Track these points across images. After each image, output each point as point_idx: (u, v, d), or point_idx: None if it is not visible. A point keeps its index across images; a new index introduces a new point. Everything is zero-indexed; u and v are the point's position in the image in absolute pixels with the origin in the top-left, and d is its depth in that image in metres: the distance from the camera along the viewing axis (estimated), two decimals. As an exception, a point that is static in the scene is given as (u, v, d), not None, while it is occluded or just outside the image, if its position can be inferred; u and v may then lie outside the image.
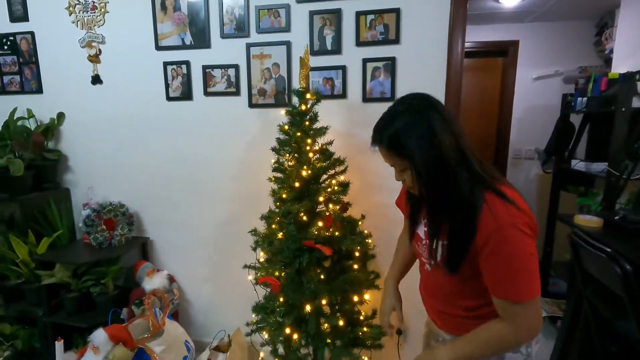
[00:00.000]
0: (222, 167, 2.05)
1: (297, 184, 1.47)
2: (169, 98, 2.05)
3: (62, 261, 1.93)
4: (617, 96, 1.81)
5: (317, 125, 1.57)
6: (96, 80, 2.13)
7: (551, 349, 1.92)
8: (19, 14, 2.15)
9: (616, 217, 1.50)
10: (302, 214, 1.43)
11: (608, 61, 2.86)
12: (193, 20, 1.94)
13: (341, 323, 1.47)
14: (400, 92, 1.78)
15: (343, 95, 1.84)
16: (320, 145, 1.56)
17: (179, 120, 2.07)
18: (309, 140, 1.52)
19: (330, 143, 1.62)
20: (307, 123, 1.51)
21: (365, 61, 1.79)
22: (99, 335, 1.53)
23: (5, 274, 2.06)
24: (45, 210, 2.12)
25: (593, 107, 2.07)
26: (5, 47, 2.21)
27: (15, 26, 2.17)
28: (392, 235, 1.86)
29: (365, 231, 1.64)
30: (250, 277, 1.68)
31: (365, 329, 1.53)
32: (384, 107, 1.79)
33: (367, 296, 1.56)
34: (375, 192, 1.85)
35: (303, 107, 1.51)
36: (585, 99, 2.22)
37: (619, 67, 2.21)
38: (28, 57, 2.19)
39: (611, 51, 2.60)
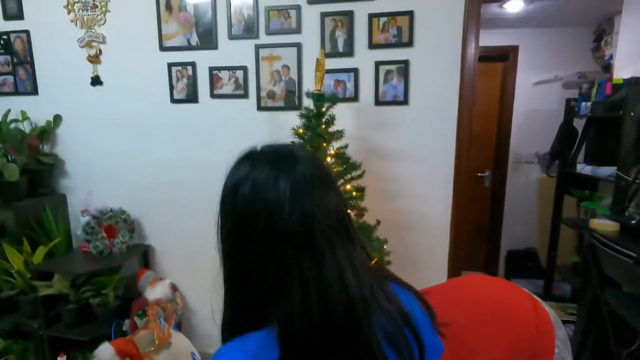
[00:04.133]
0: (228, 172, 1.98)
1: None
2: (173, 100, 1.99)
3: (61, 271, 1.83)
4: (626, 101, 1.82)
5: (332, 128, 1.54)
6: (96, 81, 2.05)
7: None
8: (13, 11, 2.06)
9: (633, 222, 1.50)
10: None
11: (606, 67, 2.91)
12: (199, 20, 1.88)
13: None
14: (414, 96, 1.76)
15: (355, 98, 1.81)
16: (335, 150, 1.52)
17: (184, 123, 2.00)
18: (325, 145, 1.48)
19: (346, 147, 1.58)
20: (323, 126, 1.47)
21: (377, 64, 1.76)
22: (105, 350, 1.45)
23: (-2, 285, 1.95)
24: (40, 217, 2.02)
25: (599, 111, 2.09)
26: (-1, 47, 2.11)
27: (9, 24, 2.08)
28: (405, 243, 1.84)
29: (381, 237, 1.60)
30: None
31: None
32: (398, 110, 1.81)
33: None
34: (388, 198, 1.82)
35: (322, 109, 1.47)
36: (589, 103, 2.24)
37: (621, 73, 2.23)
38: (23, 57, 2.10)
39: (610, 57, 2.64)
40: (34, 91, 2.13)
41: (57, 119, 2.12)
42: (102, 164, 2.14)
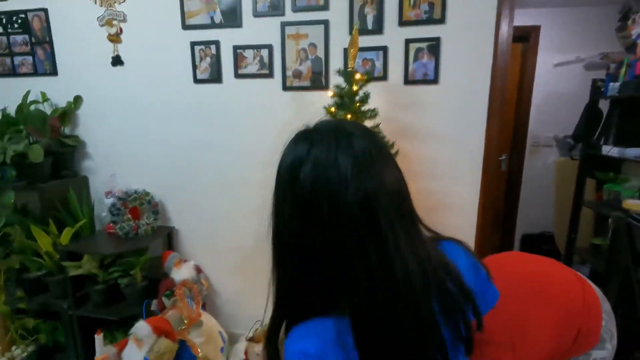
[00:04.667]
0: (252, 153, 1.97)
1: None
2: (196, 80, 1.96)
3: (89, 252, 1.84)
4: (661, 80, 1.78)
5: (364, 107, 1.51)
6: (117, 61, 2.01)
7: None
8: (30, -11, 2.01)
9: (668, 201, 1.49)
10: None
11: (630, 47, 2.83)
12: (223, -3, 1.83)
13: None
14: (445, 75, 1.73)
15: (384, 77, 1.77)
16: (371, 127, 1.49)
17: (207, 104, 1.98)
18: (359, 123, 1.46)
19: (377, 126, 1.56)
20: (357, 104, 1.44)
21: (407, 42, 1.72)
22: (143, 327, 1.46)
23: (26, 266, 1.96)
24: (65, 199, 2.02)
25: (629, 91, 2.05)
26: (16, 26, 2.07)
27: (26, 2, 2.03)
28: (432, 224, 1.83)
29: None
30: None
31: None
32: (427, 90, 1.77)
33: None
34: (418, 179, 1.80)
35: (354, 88, 1.44)
36: (617, 84, 2.20)
37: (652, 51, 2.18)
38: (41, 37, 2.06)
39: (638, 36, 2.57)
40: (54, 72, 2.09)
41: (78, 100, 2.10)
42: (123, 146, 2.12)
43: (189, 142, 2.04)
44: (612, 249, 1.79)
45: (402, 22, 1.71)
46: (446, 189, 1.82)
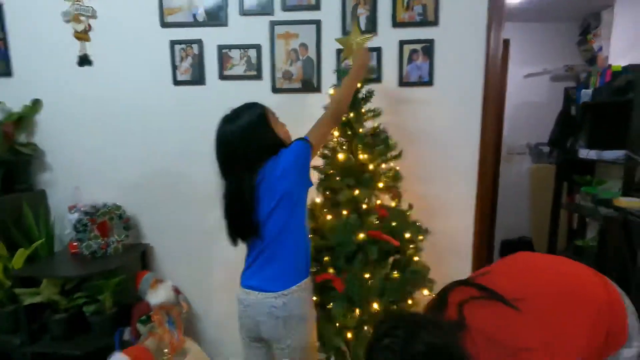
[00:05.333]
0: (239, 159, 1.82)
1: (351, 170, 1.32)
2: (176, 82, 1.80)
3: (48, 276, 1.58)
4: (635, 85, 1.88)
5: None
6: (84, 61, 1.82)
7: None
8: (-18, -21, 1.78)
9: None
10: (364, 202, 1.28)
11: (590, 60, 3.05)
12: (207, -6, 1.72)
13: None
14: (439, 77, 1.71)
15: (377, 78, 1.72)
16: (373, 127, 1.42)
17: (188, 107, 1.82)
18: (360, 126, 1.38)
19: (379, 126, 1.49)
20: (362, 102, 1.37)
21: (402, 43, 1.69)
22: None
23: (-34, 297, 1.65)
24: (18, 216, 1.75)
25: (602, 97, 2.16)
26: (-38, 20, 1.82)
27: (-24, -5, 1.80)
28: (435, 229, 1.77)
29: (418, 222, 1.52)
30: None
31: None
32: (422, 91, 1.74)
33: (426, 292, 1.43)
34: (414, 181, 1.74)
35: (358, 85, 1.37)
36: (590, 90, 2.31)
37: (616, 62, 2.33)
38: (-6, 33, 1.82)
39: (600, 48, 2.77)
40: (7, 72, 1.85)
41: (37, 103, 1.86)
42: (89, 155, 1.90)
43: (166, 149, 1.86)
44: (602, 247, 1.82)
45: (396, 24, 1.68)
46: (443, 193, 1.78)
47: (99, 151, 1.89)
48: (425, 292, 1.41)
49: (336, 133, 1.42)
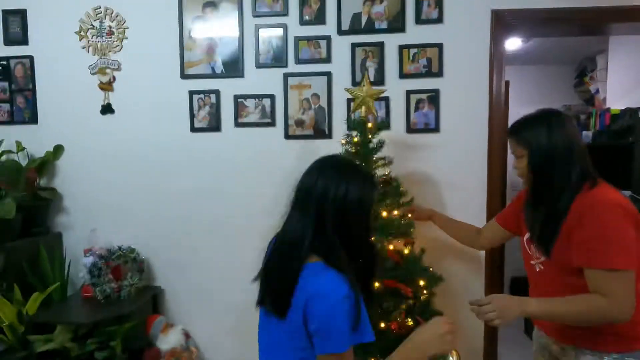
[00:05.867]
0: (253, 202, 1.87)
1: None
2: (193, 129, 1.89)
3: (62, 321, 1.59)
4: (634, 129, 1.95)
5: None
6: (107, 109, 1.92)
7: None
8: (16, 36, 1.92)
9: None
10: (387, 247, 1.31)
11: (588, 100, 3.16)
12: (225, 49, 1.84)
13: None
14: (445, 123, 1.79)
15: (387, 126, 1.80)
16: (385, 175, 1.48)
17: (205, 153, 1.90)
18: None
19: (389, 174, 1.55)
20: (373, 152, 1.44)
21: (408, 93, 1.79)
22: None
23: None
24: (34, 260, 1.78)
25: (603, 139, 2.23)
26: (-5, 73, 1.94)
27: (10, 50, 1.93)
28: (447, 271, 1.77)
29: (430, 268, 1.53)
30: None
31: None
32: (429, 138, 1.82)
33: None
34: (428, 226, 1.77)
35: (369, 136, 1.44)
36: (590, 132, 2.39)
37: (615, 104, 2.42)
38: (23, 84, 1.94)
39: (596, 91, 2.87)
40: (33, 120, 1.95)
41: (59, 149, 1.94)
42: (106, 198, 1.95)
43: (180, 192, 1.92)
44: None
45: (403, 75, 1.78)
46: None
47: (115, 193, 1.94)
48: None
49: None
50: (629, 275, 0.90)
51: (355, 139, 1.48)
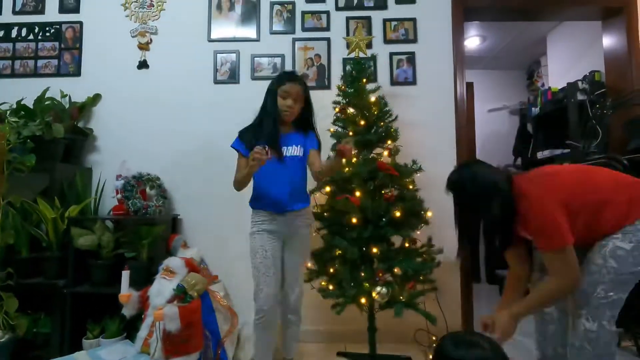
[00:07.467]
0: (264, 141, 2.22)
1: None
2: (216, 81, 2.28)
3: (101, 218, 1.83)
4: (567, 95, 2.48)
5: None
6: (143, 65, 2.30)
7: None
8: (70, 6, 2.33)
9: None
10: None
11: (536, 97, 3.78)
12: (245, 19, 2.30)
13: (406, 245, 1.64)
14: (420, 78, 2.26)
15: (374, 79, 2.25)
16: (375, 98, 1.89)
17: (224, 102, 2.27)
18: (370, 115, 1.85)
19: (383, 98, 1.96)
20: (364, 80, 1.86)
21: (391, 54, 2.27)
22: (175, 260, 1.48)
23: (17, 249, 1.84)
24: (70, 183, 2.03)
25: (548, 108, 2.76)
26: (48, 34, 2.31)
27: (63, 16, 2.32)
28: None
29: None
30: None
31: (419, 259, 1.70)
32: (408, 89, 2.27)
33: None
34: (405, 158, 2.16)
35: (364, 81, 1.87)
36: (537, 108, 2.93)
37: (555, 85, 3.00)
38: (72, 44, 2.31)
39: (542, 85, 3.49)
40: (77, 73, 2.30)
41: (97, 97, 2.27)
42: (134, 139, 2.26)
43: (202, 133, 2.25)
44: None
45: (386, 41, 2.27)
46: (427, 167, 2.18)
47: (142, 136, 2.26)
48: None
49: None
50: (567, 250, 1.05)
51: (343, 88, 1.92)
